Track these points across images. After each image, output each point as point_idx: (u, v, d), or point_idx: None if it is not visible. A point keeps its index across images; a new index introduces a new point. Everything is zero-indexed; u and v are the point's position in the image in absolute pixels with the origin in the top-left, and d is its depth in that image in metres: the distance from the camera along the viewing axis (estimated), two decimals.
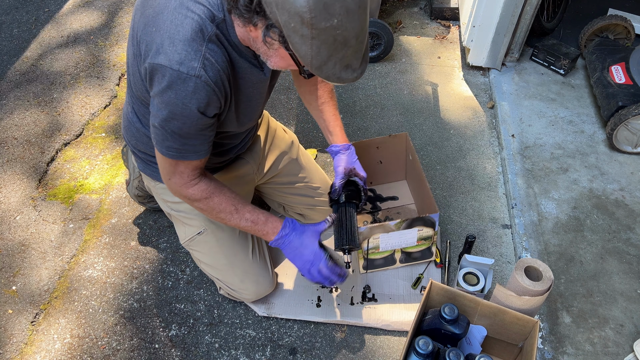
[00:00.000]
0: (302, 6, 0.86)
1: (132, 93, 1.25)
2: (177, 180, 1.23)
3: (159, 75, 1.03)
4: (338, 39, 0.92)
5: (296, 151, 1.73)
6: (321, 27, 0.89)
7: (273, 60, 1.06)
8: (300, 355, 1.52)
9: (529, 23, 2.25)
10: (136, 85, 1.19)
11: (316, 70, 0.97)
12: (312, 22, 0.88)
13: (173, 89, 1.03)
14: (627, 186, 1.92)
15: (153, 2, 1.06)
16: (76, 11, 2.80)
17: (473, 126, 2.23)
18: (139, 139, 1.38)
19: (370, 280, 1.67)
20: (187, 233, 1.50)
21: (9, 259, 1.75)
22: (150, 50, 1.03)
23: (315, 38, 0.91)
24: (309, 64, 0.96)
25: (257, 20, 0.97)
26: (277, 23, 0.92)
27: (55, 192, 1.95)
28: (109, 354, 1.52)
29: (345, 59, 0.96)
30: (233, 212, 1.29)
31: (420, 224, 1.54)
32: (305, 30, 0.90)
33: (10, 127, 2.18)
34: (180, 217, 1.50)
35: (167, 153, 1.16)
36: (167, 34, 1.01)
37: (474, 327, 1.38)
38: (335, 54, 0.94)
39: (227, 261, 1.51)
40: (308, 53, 0.93)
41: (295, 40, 0.92)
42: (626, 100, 1.98)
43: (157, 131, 1.12)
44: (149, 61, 1.03)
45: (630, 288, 1.63)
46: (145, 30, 1.05)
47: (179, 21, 1.01)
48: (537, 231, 1.78)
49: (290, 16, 0.89)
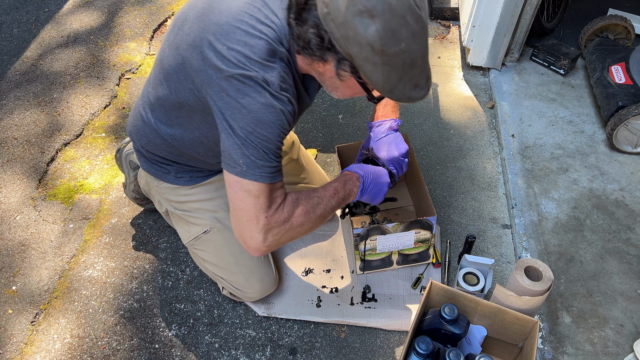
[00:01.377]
0: (373, 36, 0.94)
1: (166, 98, 1.23)
2: (275, 210, 1.15)
3: (239, 86, 1.04)
4: (406, 61, 0.99)
5: (297, 151, 1.73)
6: (391, 53, 0.96)
7: (340, 91, 1.14)
8: (300, 355, 1.52)
9: (529, 23, 2.25)
10: (180, 92, 1.18)
11: (388, 94, 1.04)
12: (382, 49, 0.95)
13: (255, 98, 1.04)
14: (627, 186, 1.92)
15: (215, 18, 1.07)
16: (76, 11, 2.80)
17: (473, 126, 2.23)
18: (152, 140, 1.36)
19: (370, 281, 1.67)
20: (192, 232, 1.50)
21: (9, 259, 1.75)
22: (222, 66, 1.04)
23: (385, 64, 0.98)
24: (380, 89, 1.03)
25: (328, 57, 1.04)
26: (348, 55, 0.99)
27: (55, 192, 1.95)
28: (109, 354, 1.52)
29: (414, 79, 1.03)
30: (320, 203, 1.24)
31: (418, 227, 1.54)
32: (376, 58, 0.97)
33: (10, 127, 2.18)
34: (184, 216, 1.50)
35: (261, 176, 1.09)
36: (242, 53, 1.03)
37: (474, 327, 1.38)
38: (404, 75, 1.01)
39: (233, 260, 1.51)
40: (380, 79, 1.00)
41: (367, 69, 0.99)
42: (626, 100, 1.98)
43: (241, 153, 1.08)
44: (227, 74, 1.03)
45: (630, 288, 1.63)
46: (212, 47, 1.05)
47: (254, 42, 1.04)
48: (537, 231, 1.78)
49: (361, 47, 0.96)
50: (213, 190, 1.49)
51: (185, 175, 1.44)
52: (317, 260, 1.73)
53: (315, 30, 1.00)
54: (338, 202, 1.28)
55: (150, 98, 1.30)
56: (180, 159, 1.40)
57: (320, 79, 1.14)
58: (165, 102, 1.24)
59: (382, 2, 0.92)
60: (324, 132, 2.21)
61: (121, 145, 1.78)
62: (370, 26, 0.93)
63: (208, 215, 1.48)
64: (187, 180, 1.45)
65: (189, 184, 1.45)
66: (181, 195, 1.48)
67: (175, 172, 1.44)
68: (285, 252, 1.76)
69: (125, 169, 1.75)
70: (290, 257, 1.74)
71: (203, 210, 1.48)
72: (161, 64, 1.21)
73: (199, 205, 1.48)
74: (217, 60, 1.04)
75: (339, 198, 1.28)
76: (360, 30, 0.94)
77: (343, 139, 2.17)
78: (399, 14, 0.93)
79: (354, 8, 0.92)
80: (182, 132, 1.28)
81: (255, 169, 1.09)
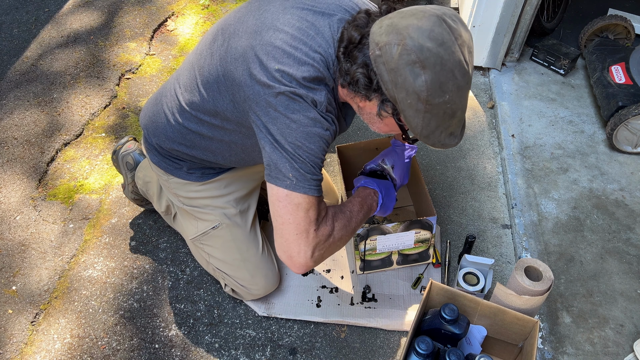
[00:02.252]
0: (421, 86, 0.98)
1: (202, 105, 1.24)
2: (322, 224, 1.16)
3: (288, 103, 1.06)
4: (447, 112, 1.03)
5: None
6: (435, 103, 1.00)
7: (377, 126, 1.17)
8: (300, 355, 1.52)
9: (529, 23, 2.25)
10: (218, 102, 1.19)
11: (424, 139, 1.08)
12: (427, 99, 0.99)
13: (304, 114, 1.07)
14: (627, 186, 1.92)
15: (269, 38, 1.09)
16: (76, 11, 2.80)
17: (473, 126, 2.23)
18: (172, 138, 1.36)
19: (370, 281, 1.67)
20: (200, 228, 1.51)
21: (9, 259, 1.75)
22: (273, 84, 1.06)
23: (427, 112, 1.01)
24: (418, 134, 1.07)
25: (372, 97, 1.07)
26: (392, 99, 1.03)
27: (55, 192, 1.95)
28: (109, 354, 1.52)
29: (450, 128, 1.07)
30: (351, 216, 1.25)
31: (418, 227, 1.54)
32: (420, 106, 1.00)
33: (10, 127, 2.18)
34: (193, 212, 1.51)
35: (310, 189, 1.11)
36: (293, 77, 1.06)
37: (474, 327, 1.38)
38: (442, 124, 1.05)
39: (240, 256, 1.52)
40: (419, 125, 1.04)
41: (409, 114, 1.03)
42: (626, 100, 1.98)
43: (290, 167, 1.09)
44: (277, 91, 1.06)
45: (630, 288, 1.63)
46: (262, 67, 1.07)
47: (305, 69, 1.07)
48: (537, 231, 1.78)
49: (407, 94, 0.99)
50: (223, 187, 1.50)
51: (197, 171, 1.45)
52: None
53: (364, 70, 1.03)
54: (364, 215, 1.31)
55: (181, 101, 1.29)
56: (195, 158, 1.40)
57: (359, 111, 1.17)
58: (199, 107, 1.25)
59: (434, 56, 0.96)
60: None
61: (117, 147, 1.78)
62: (420, 77, 0.97)
63: (218, 212, 1.49)
64: (198, 177, 1.46)
65: (200, 180, 1.46)
66: (191, 192, 1.48)
67: (187, 168, 1.45)
68: None
69: (123, 171, 1.75)
70: None
71: (213, 207, 1.49)
72: (200, 70, 1.21)
73: (209, 202, 1.48)
74: (266, 78, 1.06)
75: (364, 212, 1.31)
76: (409, 79, 0.97)
77: (343, 139, 2.17)
78: (449, 68, 0.97)
79: (407, 57, 0.96)
80: (212, 134, 1.29)
81: (305, 182, 1.10)
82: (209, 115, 1.25)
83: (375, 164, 1.48)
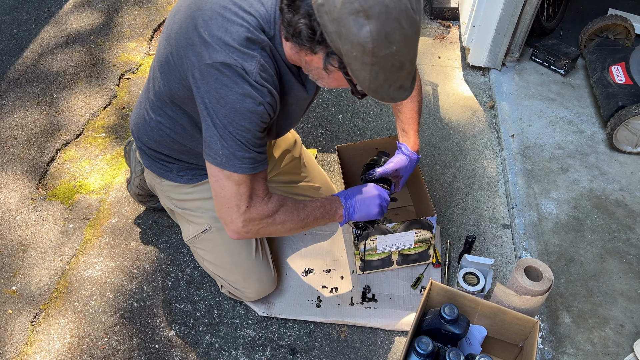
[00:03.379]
0: (366, 37, 0.91)
1: (161, 92, 1.23)
2: (256, 200, 1.18)
3: (215, 78, 1.04)
4: (395, 64, 0.97)
5: (299, 150, 1.73)
6: (381, 55, 0.94)
7: (325, 81, 1.11)
8: (300, 355, 1.52)
9: (529, 23, 2.25)
10: (171, 84, 1.18)
11: (372, 93, 1.02)
12: (373, 51, 0.93)
13: (233, 90, 1.05)
14: (627, 186, 1.92)
15: (201, 4, 1.07)
16: (76, 11, 2.80)
17: (473, 126, 2.23)
18: (153, 137, 1.37)
19: (370, 281, 1.67)
20: (192, 231, 1.51)
21: (8, 259, 1.75)
22: (203, 52, 1.05)
23: (374, 65, 0.95)
24: (365, 87, 1.01)
25: (317, 49, 1.01)
26: (338, 51, 0.97)
27: (55, 192, 1.95)
28: (109, 354, 1.52)
29: (400, 81, 1.02)
30: (300, 213, 1.26)
31: (418, 227, 1.54)
32: (366, 58, 0.94)
33: (10, 127, 2.18)
34: (185, 214, 1.51)
35: (240, 167, 1.11)
36: (222, 39, 1.03)
37: (474, 327, 1.38)
38: (391, 77, 0.99)
39: (231, 259, 1.51)
40: (366, 78, 0.98)
41: (356, 67, 0.97)
42: (626, 100, 1.98)
43: (221, 148, 1.09)
44: (207, 62, 1.04)
45: (630, 288, 1.63)
46: (196, 32, 1.06)
47: (234, 29, 1.03)
48: (537, 231, 1.78)
49: (352, 46, 0.93)
50: None
51: (187, 173, 1.45)
52: (317, 260, 1.73)
53: (307, 21, 0.97)
54: (322, 214, 1.30)
55: (149, 95, 1.31)
56: (181, 156, 1.40)
57: (306, 67, 1.12)
58: (161, 96, 1.25)
59: (379, 4, 0.90)
60: (324, 132, 2.21)
61: (131, 138, 1.78)
62: (364, 27, 0.91)
63: (208, 215, 1.48)
64: (188, 179, 1.45)
65: (191, 182, 1.46)
66: (183, 194, 1.48)
67: (177, 170, 1.44)
68: (285, 252, 1.76)
69: (133, 163, 1.74)
70: (291, 257, 1.74)
71: (204, 209, 1.48)
72: (157, 56, 1.22)
73: (200, 204, 1.48)
74: (201, 46, 1.05)
75: (323, 210, 1.31)
76: (353, 29, 0.91)
77: (343, 139, 2.17)
78: (395, 17, 0.91)
79: (350, 6, 0.90)
80: (180, 127, 1.29)
81: (235, 160, 1.10)
82: (168, 102, 1.24)
83: (388, 172, 1.45)
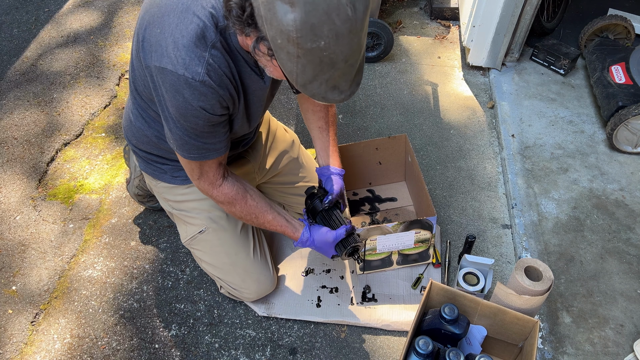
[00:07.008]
0: (289, 25, 0.86)
1: (135, 89, 1.25)
2: (204, 181, 1.28)
3: (164, 78, 1.05)
4: (324, 60, 0.91)
5: (297, 150, 1.73)
6: (307, 48, 0.89)
7: (268, 69, 1.07)
8: (300, 355, 1.52)
9: (529, 23, 2.25)
10: (138, 81, 1.19)
11: (301, 88, 0.97)
12: (298, 42, 0.88)
13: (180, 92, 1.06)
14: (627, 186, 1.92)
15: (160, 2, 1.07)
16: (76, 11, 2.80)
17: (473, 126, 2.23)
18: (140, 138, 1.38)
19: (370, 281, 1.67)
20: (189, 232, 1.50)
21: (8, 259, 1.75)
22: (153, 51, 1.05)
23: (301, 57, 0.91)
24: (294, 81, 0.96)
25: (249, 32, 0.96)
26: (268, 37, 0.92)
27: (55, 192, 1.95)
28: (109, 354, 1.52)
29: (332, 80, 0.96)
30: (253, 219, 1.38)
31: (418, 227, 1.54)
32: (291, 48, 0.90)
33: (10, 127, 2.18)
34: (181, 215, 1.50)
35: (189, 156, 1.20)
36: (172, 38, 1.03)
37: (474, 327, 1.38)
38: (321, 74, 0.94)
39: (228, 260, 1.51)
40: (294, 70, 0.93)
41: (282, 56, 0.92)
42: (626, 100, 1.98)
43: (174, 135, 1.16)
44: (155, 64, 1.05)
45: (630, 288, 1.63)
46: (150, 30, 1.06)
47: (184, 26, 1.02)
48: (537, 231, 1.78)
49: (277, 33, 0.89)
50: None
51: (182, 174, 1.45)
52: (317, 260, 1.73)
53: (238, 0, 0.94)
54: (280, 223, 1.39)
55: (131, 96, 1.32)
56: (172, 156, 1.41)
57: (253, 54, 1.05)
58: (137, 95, 1.26)
59: None
60: None
61: None
62: (288, 14, 0.86)
63: (204, 215, 1.48)
64: (183, 180, 1.45)
65: (185, 183, 1.46)
66: (178, 195, 1.48)
67: (171, 171, 1.44)
68: (285, 252, 1.76)
69: (132, 163, 1.74)
70: (291, 257, 1.74)
71: (199, 210, 1.48)
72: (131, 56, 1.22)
73: (195, 204, 1.48)
74: (152, 46, 1.05)
75: (281, 220, 1.39)
76: (279, 15, 0.87)
77: (343, 139, 2.17)
78: (323, 10, 0.86)
79: None
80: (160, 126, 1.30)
81: (185, 146, 1.17)
82: (146, 102, 1.25)
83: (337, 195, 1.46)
